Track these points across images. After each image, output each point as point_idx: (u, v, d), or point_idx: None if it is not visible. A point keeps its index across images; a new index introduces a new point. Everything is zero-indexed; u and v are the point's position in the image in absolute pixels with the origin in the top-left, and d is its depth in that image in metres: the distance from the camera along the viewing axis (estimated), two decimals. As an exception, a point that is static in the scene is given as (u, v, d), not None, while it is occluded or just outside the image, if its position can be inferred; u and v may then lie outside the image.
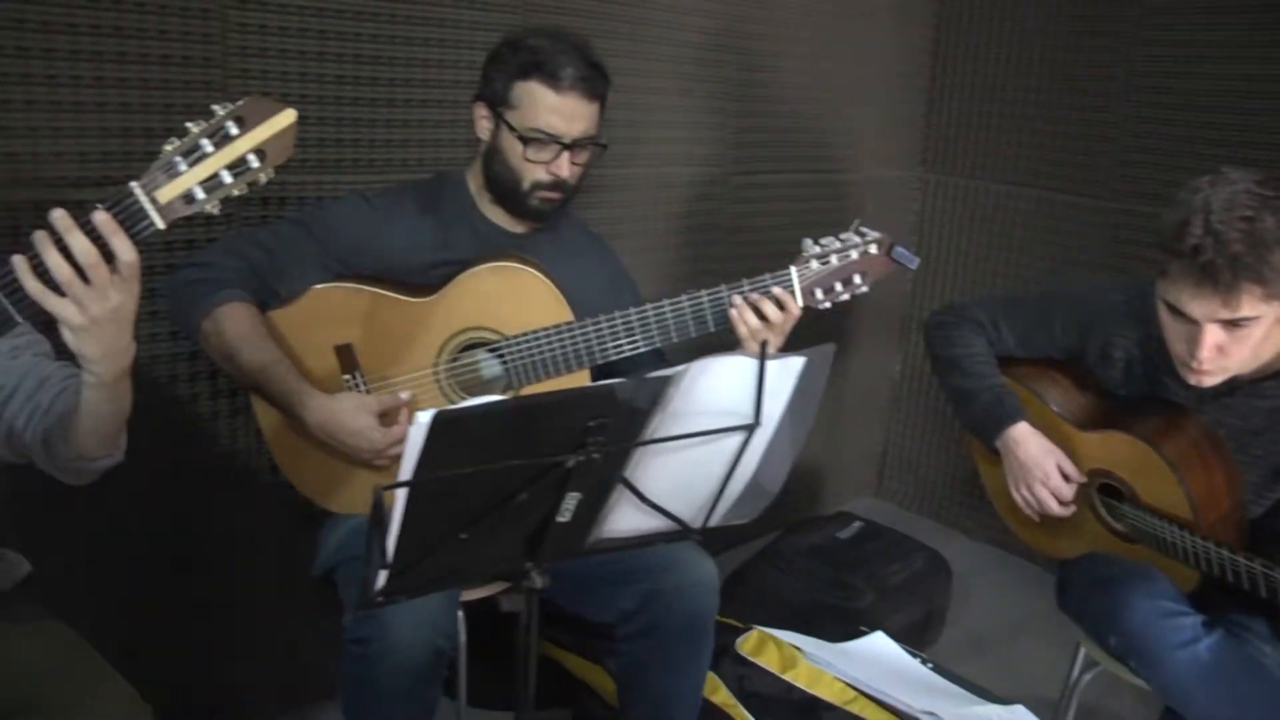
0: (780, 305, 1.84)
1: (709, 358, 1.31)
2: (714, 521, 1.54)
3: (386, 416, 1.84)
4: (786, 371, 1.41)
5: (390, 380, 1.90)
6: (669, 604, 1.89)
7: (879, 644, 1.59)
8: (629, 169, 2.71)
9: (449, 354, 1.91)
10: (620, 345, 1.89)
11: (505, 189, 1.95)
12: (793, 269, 1.86)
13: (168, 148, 1.28)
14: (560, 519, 1.33)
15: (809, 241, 1.87)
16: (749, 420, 1.40)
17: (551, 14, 2.43)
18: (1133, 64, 3.07)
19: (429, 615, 1.68)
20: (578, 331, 1.89)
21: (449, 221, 1.99)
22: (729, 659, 2.28)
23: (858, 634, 1.59)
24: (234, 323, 1.81)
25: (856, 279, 1.88)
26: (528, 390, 1.93)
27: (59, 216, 1.23)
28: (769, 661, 2.31)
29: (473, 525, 1.24)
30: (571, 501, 1.32)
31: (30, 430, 1.52)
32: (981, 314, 2.19)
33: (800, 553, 2.94)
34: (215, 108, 1.29)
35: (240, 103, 1.29)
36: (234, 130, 1.28)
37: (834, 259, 1.86)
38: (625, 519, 1.45)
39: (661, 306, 1.87)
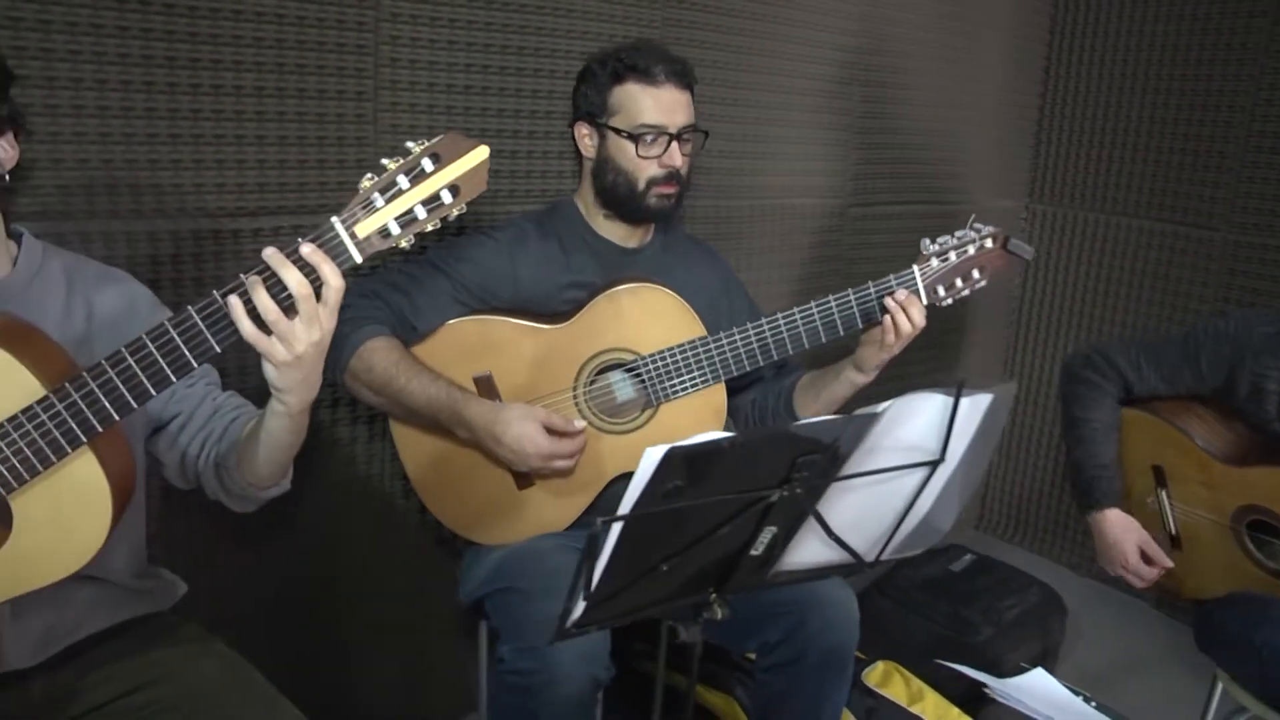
0: (911, 320, 1.89)
1: (911, 394, 1.31)
2: (885, 555, 1.53)
3: (551, 431, 1.86)
4: (974, 409, 1.40)
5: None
6: (813, 636, 1.89)
7: (1042, 681, 1.57)
8: (752, 200, 2.72)
9: (588, 376, 1.95)
10: (755, 357, 1.94)
11: (622, 195, 2.00)
12: (915, 267, 1.91)
13: (366, 183, 1.31)
14: (754, 552, 1.33)
15: (927, 241, 1.92)
16: (934, 456, 1.40)
17: (686, 46, 2.45)
18: (1259, 91, 3.02)
19: (589, 646, 1.70)
20: (712, 346, 1.93)
21: (568, 246, 2.04)
22: (856, 690, 2.27)
23: (1018, 670, 1.58)
24: (383, 355, 1.85)
25: (975, 274, 1.93)
26: (666, 407, 1.96)
27: (271, 254, 1.27)
28: (896, 694, 2.29)
29: (674, 558, 1.25)
30: (767, 535, 1.32)
31: (203, 457, 1.57)
32: (1123, 359, 2.19)
33: (916, 585, 2.91)
34: (410, 144, 1.31)
35: (436, 139, 1.31)
36: (430, 166, 1.31)
37: (953, 255, 1.91)
38: (804, 551, 1.45)
39: (792, 315, 1.92)
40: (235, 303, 1.27)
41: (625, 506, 1.14)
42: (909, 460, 1.39)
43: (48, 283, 1.52)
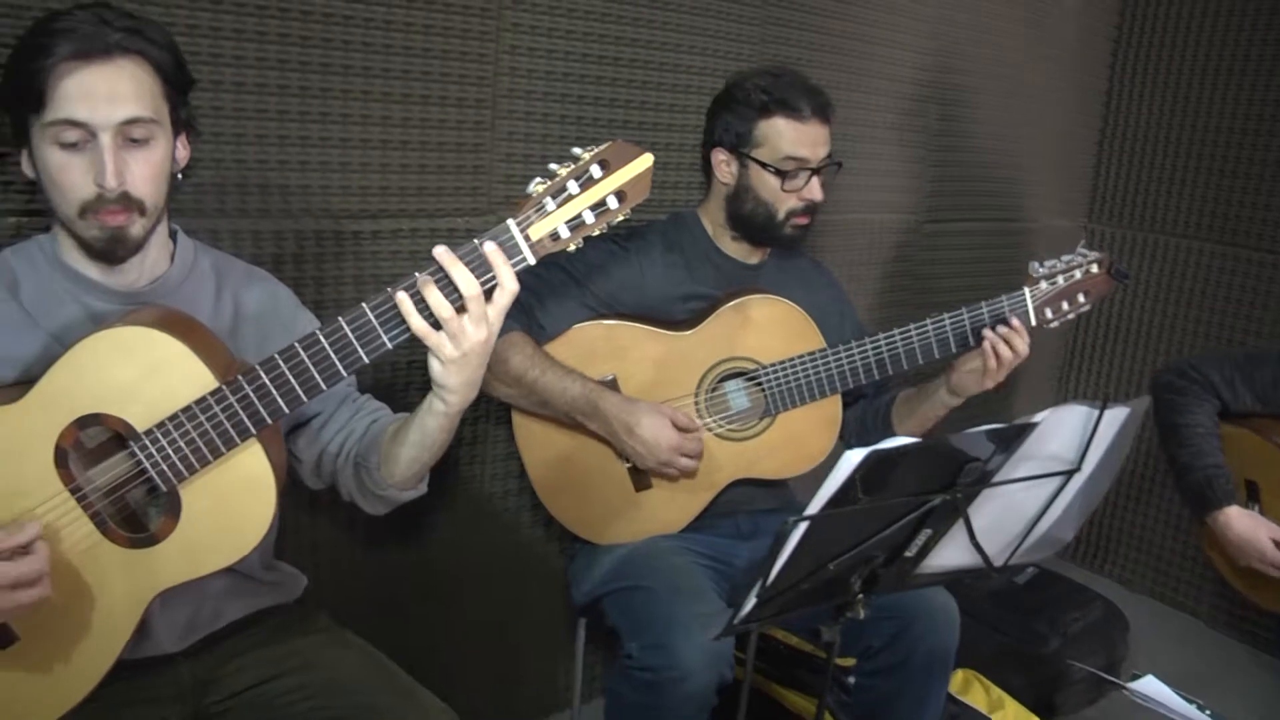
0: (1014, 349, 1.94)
1: (1064, 405, 1.36)
2: (1012, 561, 1.58)
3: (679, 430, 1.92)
4: (1113, 421, 1.45)
5: (653, 410, 1.98)
6: (916, 639, 1.93)
7: (1157, 687, 1.61)
8: (827, 216, 2.76)
9: (710, 383, 2.01)
10: (871, 371, 2.00)
11: (759, 224, 2.06)
12: (1026, 290, 1.96)
13: (538, 188, 1.35)
14: (908, 554, 1.37)
15: (1035, 264, 1.97)
16: (1071, 465, 1.44)
17: (779, 61, 2.50)
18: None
19: (715, 644, 1.73)
20: (830, 359, 1.99)
21: (692, 259, 2.10)
22: (939, 697, 2.30)
23: (1131, 677, 1.61)
24: (518, 349, 1.91)
25: (1081, 297, 1.98)
26: (784, 416, 2.01)
27: (442, 252, 1.31)
28: (977, 701, 2.33)
29: (841, 557, 1.29)
30: (922, 538, 1.36)
31: (343, 455, 1.61)
32: (1215, 374, 2.23)
33: (983, 596, 2.94)
34: (578, 150, 1.36)
35: (604, 146, 1.36)
36: (598, 173, 1.36)
37: (1061, 279, 1.97)
38: (941, 555, 1.49)
39: (908, 332, 1.99)
40: (404, 298, 1.32)
41: (815, 506, 1.18)
42: (1047, 469, 1.44)
43: (200, 280, 1.57)
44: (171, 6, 1.72)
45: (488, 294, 1.35)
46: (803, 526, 1.19)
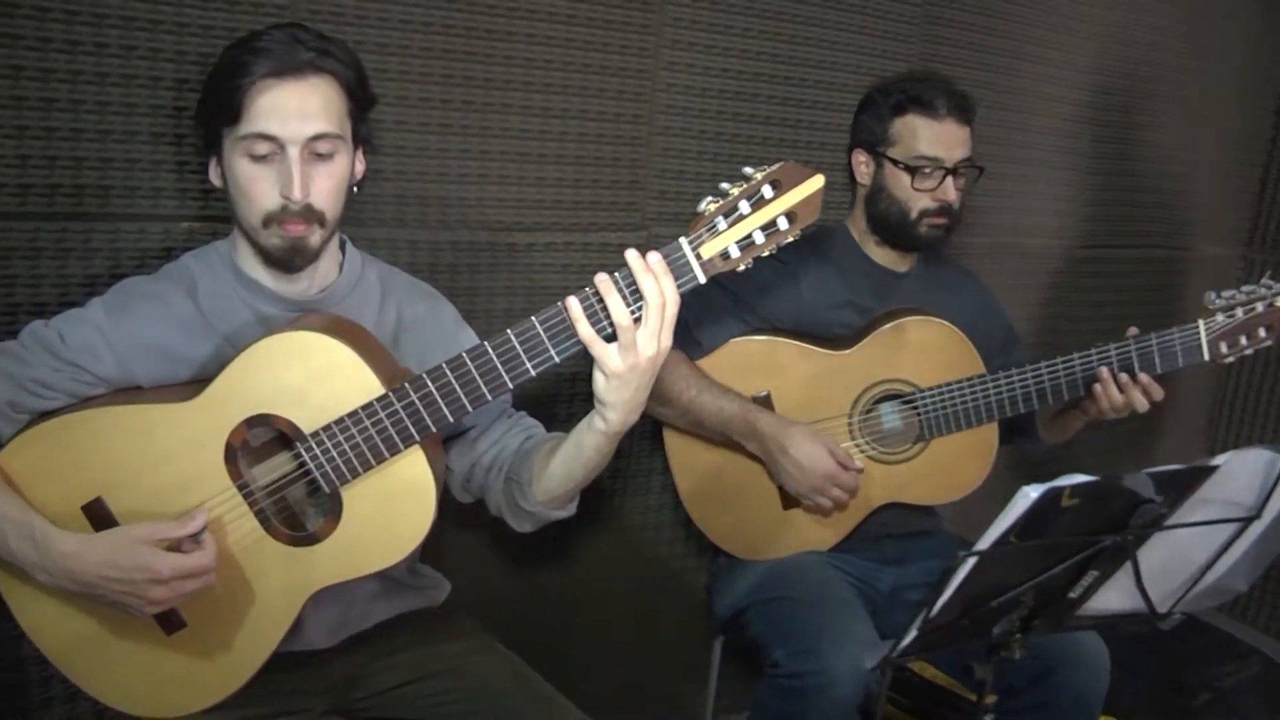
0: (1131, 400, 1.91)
1: (1246, 449, 1.30)
2: (1180, 609, 1.51)
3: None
4: (1298, 467, 1.37)
5: (807, 428, 1.96)
6: (1063, 682, 1.86)
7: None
8: (975, 238, 2.70)
9: (864, 404, 1.98)
10: (1031, 400, 1.95)
11: (894, 223, 2.03)
12: (1200, 322, 1.90)
13: (710, 206, 1.34)
14: (1071, 595, 1.33)
15: (1211, 294, 1.90)
16: (1250, 512, 1.38)
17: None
18: None
19: (860, 649, 1.72)
20: (990, 385, 1.95)
21: (842, 267, 2.08)
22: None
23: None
24: (671, 367, 1.91)
25: (1262, 332, 1.90)
26: (938, 442, 1.98)
27: (633, 256, 1.31)
28: (1120, 749, 2.24)
29: (1005, 594, 1.25)
30: (1088, 578, 1.31)
31: (494, 469, 1.62)
32: None
33: (1125, 640, 2.82)
34: (749, 170, 1.35)
35: (776, 166, 1.35)
36: (769, 193, 1.35)
37: (1239, 312, 1.89)
38: (1104, 598, 1.44)
39: (1071, 361, 1.93)
40: (574, 303, 1.32)
41: (987, 541, 1.15)
42: (1224, 515, 1.37)
43: (366, 290, 1.61)
44: (342, 24, 1.78)
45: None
46: (971, 561, 1.16)
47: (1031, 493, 1.10)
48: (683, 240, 1.33)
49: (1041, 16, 2.67)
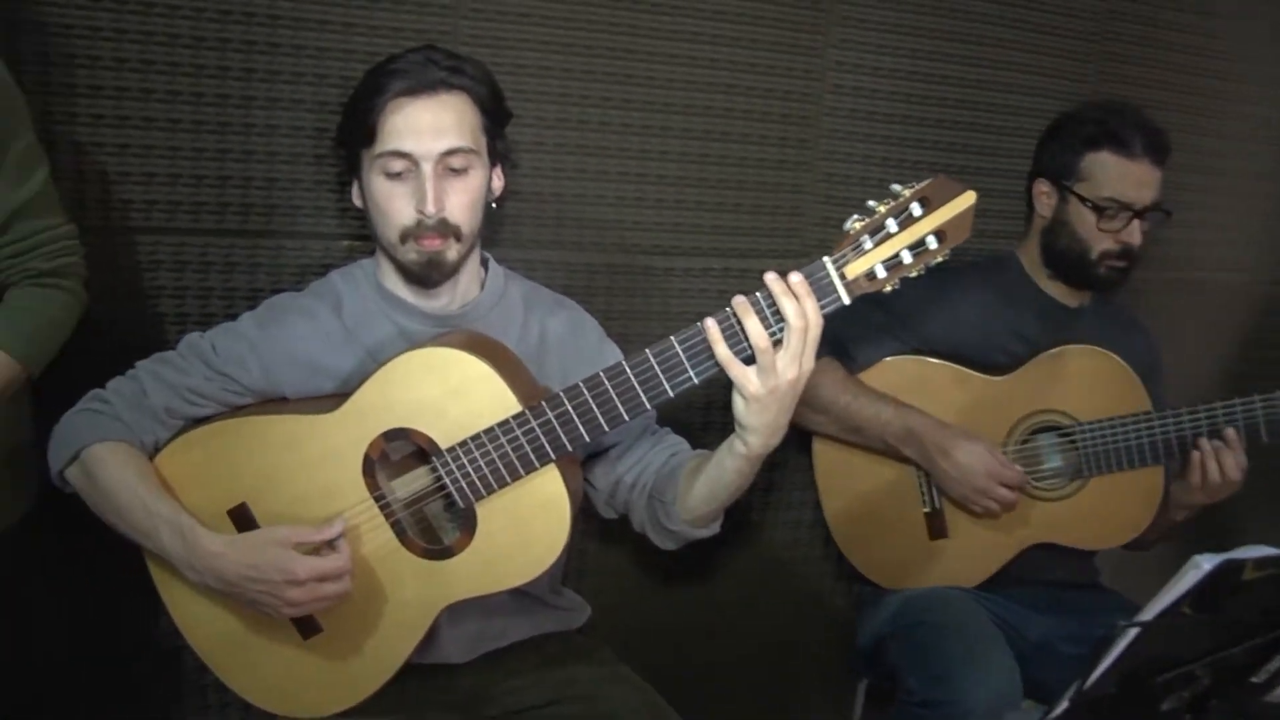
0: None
1: None
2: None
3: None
4: None
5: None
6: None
7: None
8: (1161, 273, 2.50)
9: (1019, 435, 1.90)
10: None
11: (1071, 261, 1.93)
12: None
13: (855, 225, 1.28)
14: (1254, 679, 1.19)
15: None
16: None
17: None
18: None
19: (1001, 683, 1.67)
20: (1158, 423, 1.84)
21: (1010, 298, 1.99)
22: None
23: None
24: (829, 375, 1.87)
25: None
26: (1097, 481, 1.88)
27: (773, 279, 1.26)
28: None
29: (1169, 672, 1.13)
30: (1276, 663, 1.18)
31: (637, 488, 1.59)
32: None
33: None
34: (897, 187, 1.29)
35: (925, 183, 1.28)
36: (918, 211, 1.28)
37: None
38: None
39: (1251, 404, 1.82)
40: (713, 325, 1.28)
41: (1151, 611, 1.04)
42: None
43: (508, 307, 1.61)
44: (502, 48, 1.81)
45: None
46: (1132, 633, 1.05)
47: (1205, 564, 0.99)
48: (826, 259, 1.28)
49: (1225, 32, 2.46)
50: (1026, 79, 2.21)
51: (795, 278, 1.26)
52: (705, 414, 2.07)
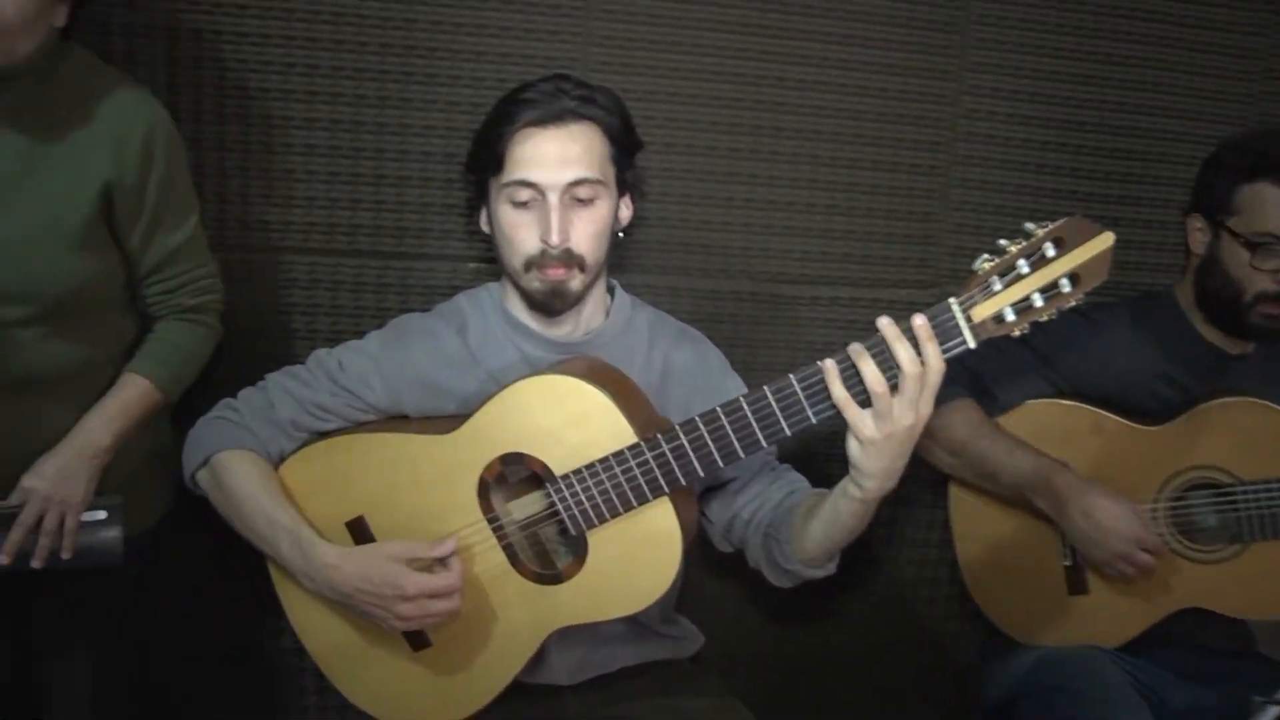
0: None
1: None
2: None
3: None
4: None
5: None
6: None
7: None
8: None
9: (1172, 491, 1.78)
10: None
11: (1223, 303, 1.81)
12: None
13: (984, 265, 1.24)
14: None
15: None
16: None
17: None
18: None
19: None
20: None
21: (1163, 339, 1.87)
22: None
23: None
24: (962, 415, 1.79)
25: None
26: (1260, 547, 1.75)
27: (886, 324, 1.23)
28: None
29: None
30: None
31: (753, 524, 1.56)
32: None
33: None
34: (1030, 226, 1.24)
35: (1059, 223, 1.23)
36: (1051, 252, 1.23)
37: None
38: None
39: None
40: (830, 365, 1.26)
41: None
42: None
43: (633, 335, 1.61)
44: (632, 74, 1.82)
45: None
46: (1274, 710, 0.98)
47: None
48: (953, 301, 1.24)
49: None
50: (1179, 102, 2.09)
51: (920, 321, 1.23)
52: (830, 444, 2.03)
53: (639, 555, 1.41)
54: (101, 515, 1.49)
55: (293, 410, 1.52)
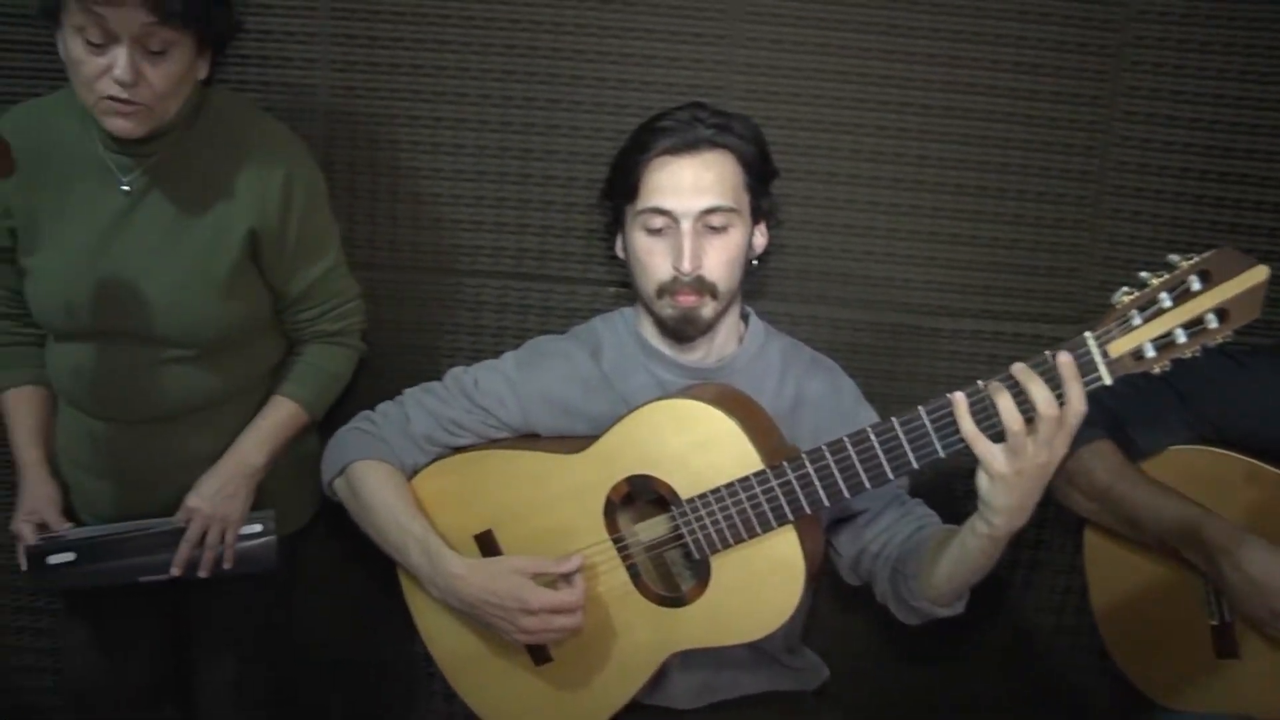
0: None
1: None
2: None
3: None
4: None
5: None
6: None
7: None
8: None
9: None
10: None
11: None
12: None
13: (1123, 299, 1.20)
14: None
15: None
16: None
17: None
18: None
19: None
20: None
21: None
22: None
23: None
24: (1103, 459, 1.71)
25: None
26: None
27: (1019, 369, 1.21)
28: None
29: None
30: None
31: (882, 558, 1.54)
32: None
33: None
34: (1174, 258, 1.19)
35: (1206, 255, 1.18)
36: (1197, 285, 1.17)
37: None
38: None
39: None
40: (960, 398, 1.24)
41: None
42: None
43: (766, 363, 1.61)
44: (774, 102, 1.83)
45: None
46: None
47: None
48: (1089, 335, 1.20)
49: None
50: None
51: (1064, 358, 1.20)
52: (968, 481, 1.98)
53: (761, 582, 1.41)
54: (257, 528, 1.62)
55: (428, 425, 1.58)
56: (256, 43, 1.80)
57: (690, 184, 1.47)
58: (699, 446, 1.40)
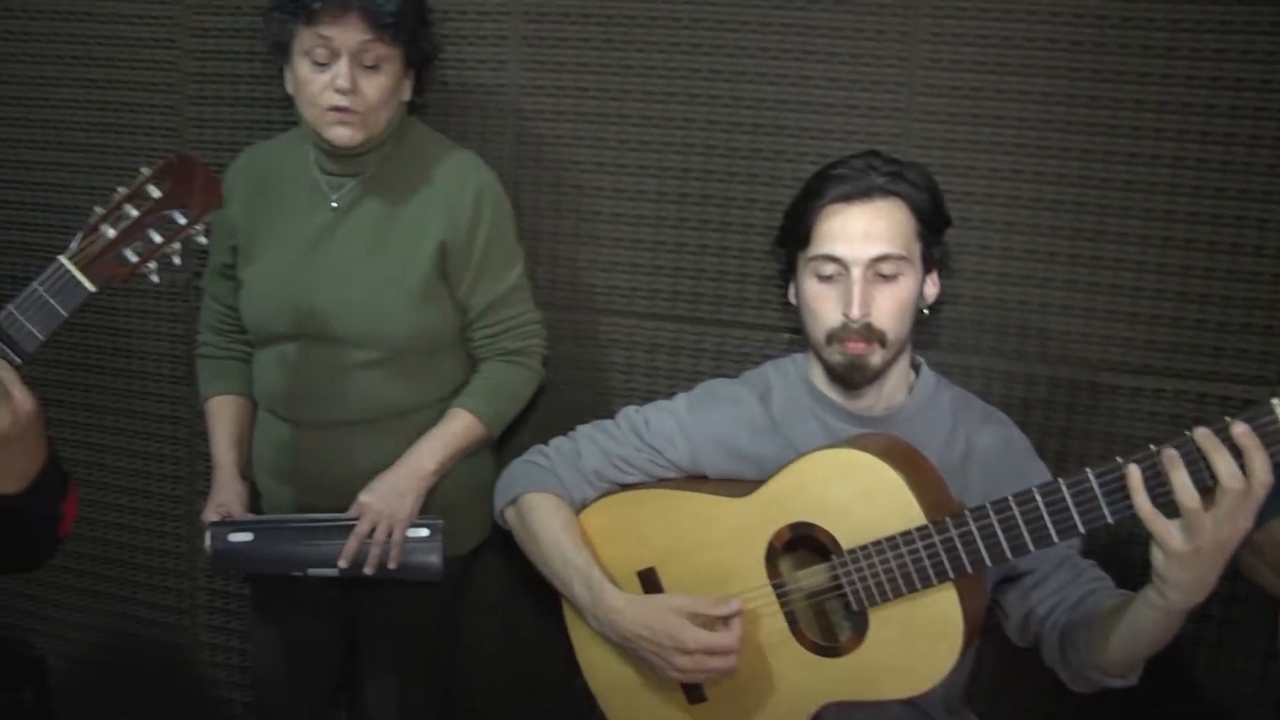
0: None
1: None
2: None
3: None
4: None
5: None
6: None
7: None
8: None
9: None
10: None
11: None
12: None
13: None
14: None
15: None
16: None
17: None
18: None
19: None
20: None
21: None
22: None
23: None
24: None
25: None
26: None
27: (1203, 435, 1.16)
28: None
29: None
30: None
31: (1050, 621, 1.50)
32: None
33: None
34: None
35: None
36: None
37: None
38: None
39: None
40: (1135, 472, 1.20)
41: None
42: None
43: (935, 414, 1.60)
44: (953, 150, 1.82)
45: None
46: None
47: None
48: (1275, 401, 1.15)
49: None
50: None
51: (1241, 429, 1.15)
52: (1144, 548, 1.90)
53: (918, 638, 1.39)
54: (425, 533, 1.71)
55: (598, 461, 1.64)
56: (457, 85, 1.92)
57: (862, 232, 1.48)
58: (863, 497, 1.40)
